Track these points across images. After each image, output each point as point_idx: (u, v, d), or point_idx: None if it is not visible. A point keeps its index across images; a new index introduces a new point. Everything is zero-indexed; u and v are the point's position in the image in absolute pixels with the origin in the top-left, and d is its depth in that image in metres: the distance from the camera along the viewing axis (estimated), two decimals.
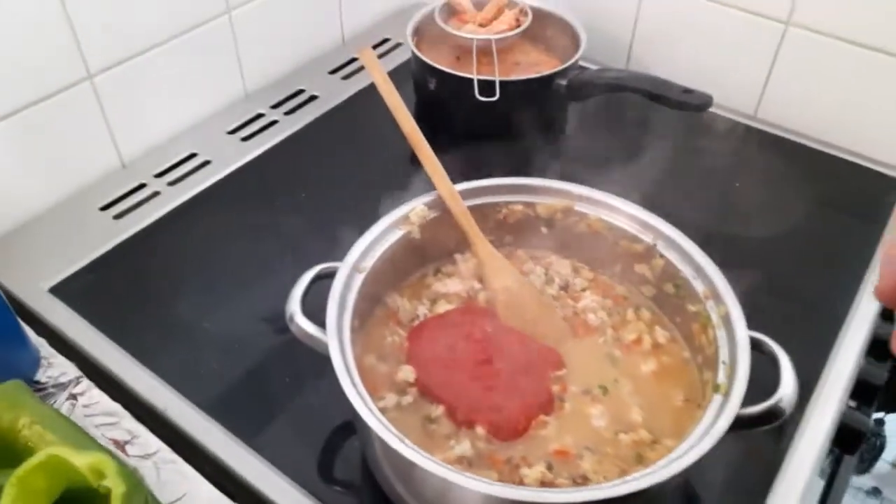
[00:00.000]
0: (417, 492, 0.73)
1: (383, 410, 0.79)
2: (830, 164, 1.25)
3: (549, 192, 0.92)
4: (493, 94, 1.18)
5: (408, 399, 0.81)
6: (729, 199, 1.15)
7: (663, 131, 1.28)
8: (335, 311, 0.76)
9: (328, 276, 0.80)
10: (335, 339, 0.73)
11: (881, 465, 1.84)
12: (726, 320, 0.78)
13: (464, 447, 0.76)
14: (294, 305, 0.78)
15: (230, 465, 0.79)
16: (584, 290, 0.93)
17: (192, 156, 1.20)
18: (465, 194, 0.91)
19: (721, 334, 0.78)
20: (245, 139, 1.26)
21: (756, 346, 0.76)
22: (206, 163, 1.19)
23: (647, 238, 0.88)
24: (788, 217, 1.16)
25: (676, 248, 0.86)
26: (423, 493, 0.72)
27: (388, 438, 0.66)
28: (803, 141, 1.26)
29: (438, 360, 0.83)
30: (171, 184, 1.16)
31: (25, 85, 0.99)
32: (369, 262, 0.84)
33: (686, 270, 0.85)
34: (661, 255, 0.87)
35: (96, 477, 0.59)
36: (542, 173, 0.94)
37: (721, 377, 0.75)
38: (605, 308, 0.91)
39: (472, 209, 0.91)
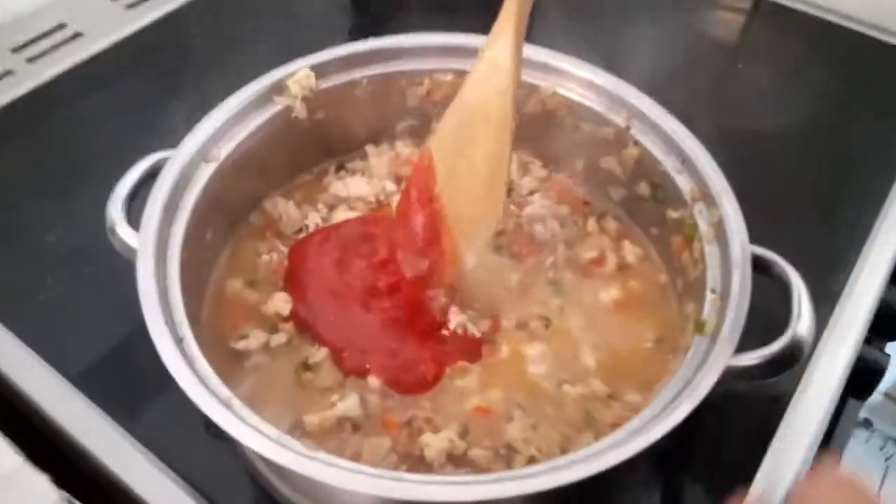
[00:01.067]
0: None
1: (243, 354, 0.59)
2: (854, 42, 1.00)
3: None
4: None
5: (280, 338, 0.60)
6: (729, 85, 0.95)
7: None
8: (157, 216, 0.53)
9: None
10: (149, 254, 0.51)
11: (874, 396, 1.68)
12: (719, 231, 0.56)
13: (349, 404, 0.55)
14: (115, 211, 0.56)
15: (60, 422, 0.59)
16: (532, 192, 0.70)
17: (61, 27, 0.97)
18: (367, 58, 0.66)
19: (711, 250, 0.56)
20: (131, 6, 1.00)
21: (760, 266, 0.53)
22: (77, 35, 0.96)
23: (619, 119, 0.64)
24: (800, 109, 0.91)
25: (657, 131, 0.62)
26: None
27: (206, 404, 0.44)
28: (820, 14, 1.03)
29: (325, 287, 0.61)
30: (31, 60, 0.92)
31: None
32: (225, 150, 0.60)
33: (668, 162, 0.61)
34: (636, 143, 0.64)
35: None
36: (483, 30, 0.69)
37: (707, 310, 0.53)
38: (559, 217, 0.68)
39: (379, 80, 0.67)
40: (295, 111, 0.65)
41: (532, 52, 0.66)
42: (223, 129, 0.60)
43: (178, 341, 0.48)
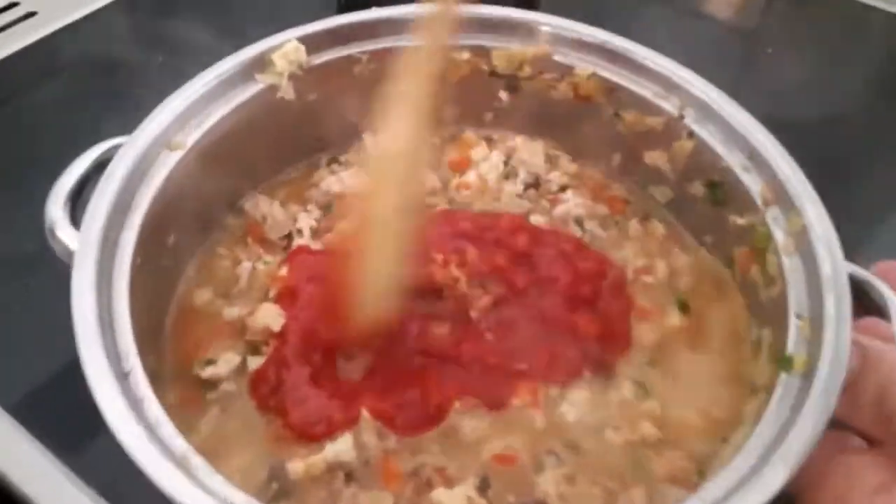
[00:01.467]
0: None
1: (211, 382, 0.48)
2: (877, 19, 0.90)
3: (512, 29, 0.56)
4: None
5: (258, 361, 0.48)
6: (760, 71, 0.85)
7: None
8: (103, 215, 0.42)
9: None
10: (90, 261, 0.40)
11: None
12: (802, 242, 0.45)
13: (340, 446, 0.45)
14: (56, 209, 0.45)
15: None
16: (563, 189, 0.59)
17: (12, 5, 0.89)
18: (367, 29, 0.55)
19: (793, 265, 0.45)
20: None
21: (855, 290, 0.42)
22: (30, 14, 0.88)
23: (670, 106, 0.54)
24: (842, 93, 0.82)
25: (717, 121, 0.52)
26: None
27: (153, 466, 0.34)
28: None
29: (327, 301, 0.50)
30: None
31: None
32: (193, 136, 0.49)
33: (732, 158, 0.51)
34: (691, 134, 0.53)
35: None
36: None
37: (794, 340, 0.42)
38: (597, 217, 0.57)
39: (382, 56, 0.56)
40: (280, 91, 0.54)
41: (564, 25, 0.55)
42: (191, 110, 0.49)
43: (123, 376, 0.37)
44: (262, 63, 0.53)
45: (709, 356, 0.50)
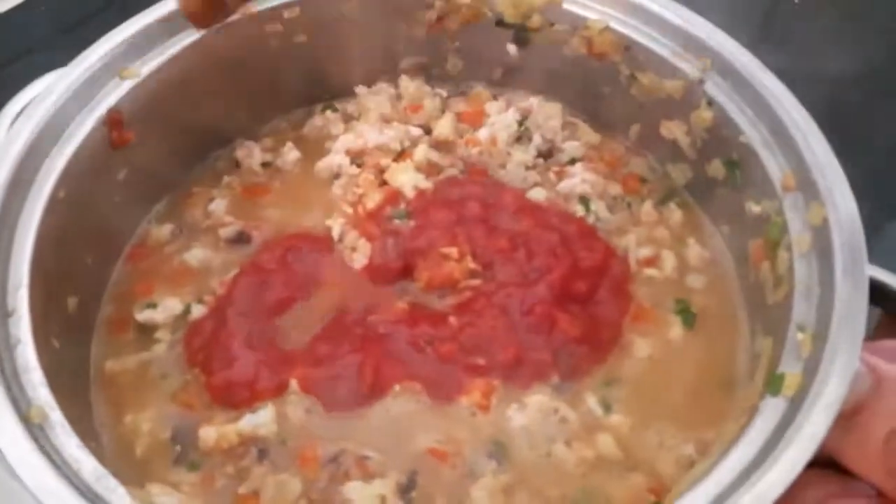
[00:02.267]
0: None
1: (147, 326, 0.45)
2: None
3: None
4: None
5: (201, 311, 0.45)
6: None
7: None
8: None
9: None
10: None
11: None
12: (821, 237, 0.37)
13: (260, 418, 0.41)
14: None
15: None
16: (574, 160, 0.52)
17: None
18: None
19: (805, 266, 0.37)
20: None
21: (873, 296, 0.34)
22: None
23: (690, 67, 0.45)
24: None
25: (741, 87, 0.43)
26: None
27: None
28: None
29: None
30: None
31: None
32: (150, 65, 0.45)
33: (754, 134, 0.42)
34: (710, 102, 0.44)
35: None
36: None
37: (788, 357, 0.34)
38: (606, 197, 0.50)
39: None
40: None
41: None
42: (150, 38, 0.45)
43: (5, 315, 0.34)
44: None
45: (698, 372, 0.42)
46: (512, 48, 0.54)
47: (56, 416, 0.33)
